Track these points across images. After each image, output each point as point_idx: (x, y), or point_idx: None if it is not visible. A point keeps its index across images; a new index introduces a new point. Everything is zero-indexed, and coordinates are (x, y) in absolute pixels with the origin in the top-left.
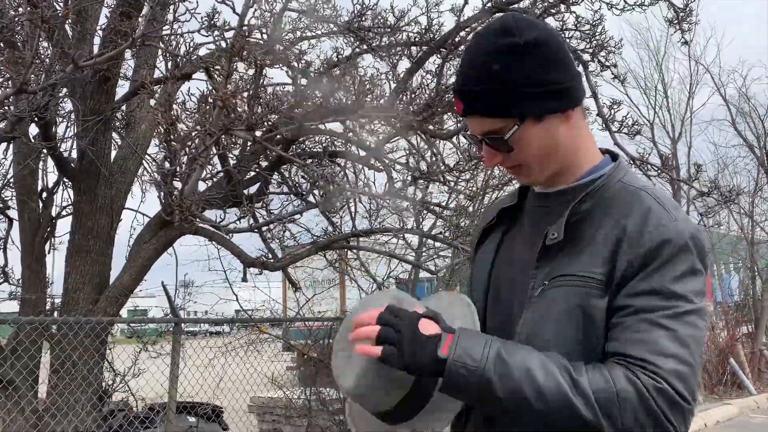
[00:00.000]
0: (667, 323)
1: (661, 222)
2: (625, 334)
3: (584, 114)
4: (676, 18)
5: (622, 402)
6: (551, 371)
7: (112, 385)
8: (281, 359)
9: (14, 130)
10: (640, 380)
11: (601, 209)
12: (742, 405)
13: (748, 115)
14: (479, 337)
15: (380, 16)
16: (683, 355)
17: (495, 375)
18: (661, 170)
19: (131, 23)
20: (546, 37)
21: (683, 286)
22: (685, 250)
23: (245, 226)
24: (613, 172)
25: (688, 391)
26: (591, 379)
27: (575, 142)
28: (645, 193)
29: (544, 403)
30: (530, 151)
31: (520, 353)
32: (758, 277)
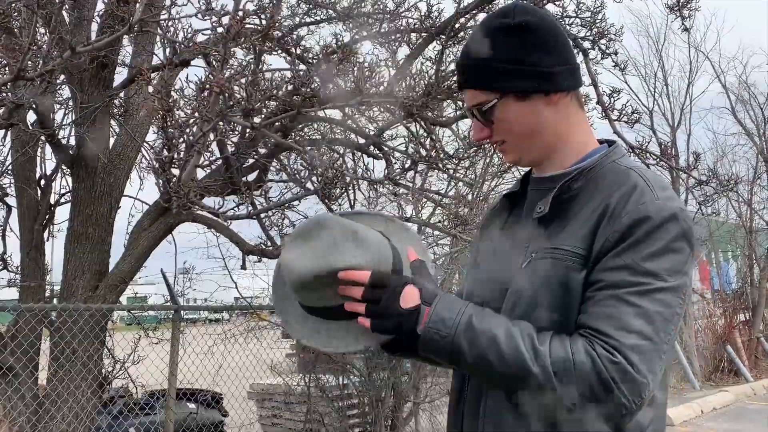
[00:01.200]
0: (634, 300)
1: (642, 200)
2: (595, 308)
3: (579, 103)
4: (676, 5)
5: (577, 371)
6: (514, 339)
7: (112, 372)
8: (280, 346)
9: (12, 117)
10: (596, 352)
11: (591, 187)
12: (738, 392)
13: (747, 103)
14: (454, 304)
15: (380, 2)
16: (647, 331)
17: (464, 341)
18: (660, 158)
19: (128, 8)
20: (539, 22)
21: (656, 263)
22: (663, 228)
23: (244, 213)
24: (608, 154)
25: (646, 365)
26: (552, 349)
27: (562, 127)
28: (634, 173)
29: (506, 368)
30: (511, 127)
31: (489, 321)
32: (756, 264)
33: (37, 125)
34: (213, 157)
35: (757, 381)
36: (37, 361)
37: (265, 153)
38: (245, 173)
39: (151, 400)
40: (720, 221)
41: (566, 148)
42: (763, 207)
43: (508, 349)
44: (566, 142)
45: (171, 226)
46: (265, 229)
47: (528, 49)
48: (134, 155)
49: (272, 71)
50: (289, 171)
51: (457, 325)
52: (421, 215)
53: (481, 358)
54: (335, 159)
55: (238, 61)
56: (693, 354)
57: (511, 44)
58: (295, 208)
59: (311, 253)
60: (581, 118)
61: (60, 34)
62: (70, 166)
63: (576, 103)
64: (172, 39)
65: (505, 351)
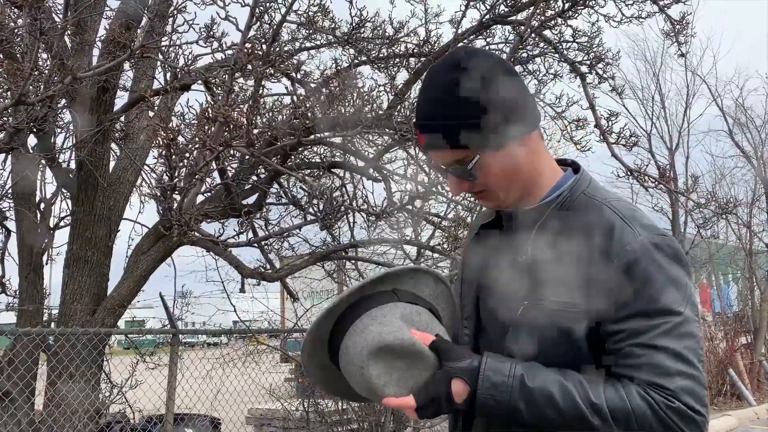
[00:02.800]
0: (662, 343)
1: (625, 241)
2: (628, 360)
3: (541, 134)
4: (672, 30)
5: (638, 418)
6: (570, 393)
7: (109, 397)
8: (279, 370)
9: (12, 141)
10: (653, 399)
11: (567, 225)
12: (741, 416)
13: (744, 125)
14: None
15: (378, 28)
16: (686, 369)
17: (521, 402)
18: (659, 182)
19: (130, 35)
20: (496, 68)
21: (663, 299)
22: (655, 264)
23: (243, 240)
24: (576, 184)
25: (699, 404)
26: (608, 398)
27: (535, 163)
28: (606, 208)
29: (566, 424)
30: (493, 177)
31: (541, 378)
32: (757, 287)
33: (37, 149)
34: (213, 182)
35: (760, 405)
36: (34, 385)
37: (264, 177)
38: (245, 196)
39: (148, 426)
40: (720, 244)
41: (539, 181)
42: (762, 229)
43: (566, 405)
44: (539, 176)
45: (170, 249)
46: (264, 253)
47: (494, 98)
48: (134, 179)
49: (272, 96)
50: (288, 195)
51: (510, 389)
52: (421, 238)
53: (539, 417)
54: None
55: (239, 85)
56: None
57: (476, 98)
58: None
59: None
60: (545, 147)
61: (62, 59)
62: (69, 190)
63: (539, 136)
64: (173, 64)
65: (563, 407)
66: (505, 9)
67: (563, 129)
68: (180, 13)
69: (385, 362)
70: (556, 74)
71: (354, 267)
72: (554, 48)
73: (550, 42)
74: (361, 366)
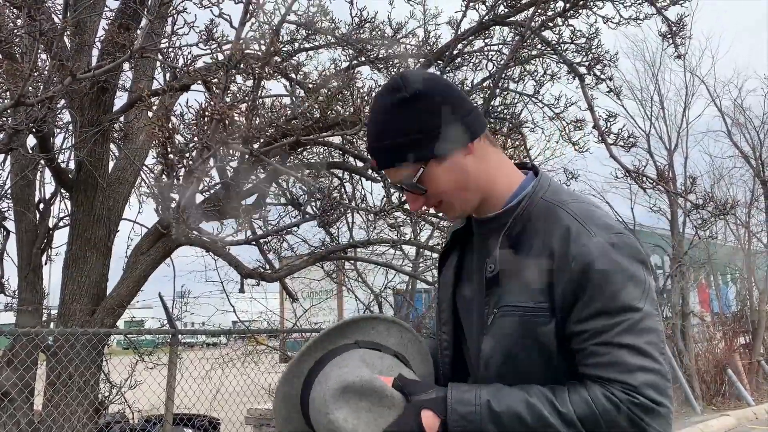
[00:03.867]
0: (623, 340)
1: (581, 242)
2: (591, 359)
3: (492, 142)
4: (669, 32)
5: (606, 420)
6: (537, 410)
7: (108, 397)
8: (278, 371)
9: (12, 142)
10: (617, 397)
11: (529, 232)
12: (740, 416)
13: (743, 126)
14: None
15: (377, 29)
16: (647, 364)
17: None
18: (657, 182)
19: (129, 35)
20: (431, 85)
21: (623, 297)
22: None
23: (242, 238)
24: (535, 190)
25: (661, 395)
26: (575, 406)
27: (487, 170)
28: (563, 212)
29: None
30: (443, 188)
31: (507, 400)
32: (755, 287)
33: (36, 149)
34: (212, 182)
35: (758, 405)
36: (33, 386)
37: (264, 177)
38: (244, 196)
39: (147, 426)
40: (718, 244)
41: (496, 188)
42: (761, 230)
43: (534, 422)
44: (494, 183)
45: (169, 249)
46: (264, 253)
47: (434, 113)
48: (133, 179)
49: (272, 97)
50: (288, 195)
51: (480, 417)
52: (420, 238)
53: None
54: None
55: (238, 86)
56: (694, 378)
57: (413, 115)
58: (296, 231)
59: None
60: (498, 155)
61: (61, 60)
62: (69, 190)
63: (488, 143)
64: (172, 65)
65: (531, 425)
66: (504, 10)
67: (561, 130)
68: (180, 14)
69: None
70: (554, 75)
71: (353, 267)
72: (553, 49)
73: (549, 43)
74: (327, 413)
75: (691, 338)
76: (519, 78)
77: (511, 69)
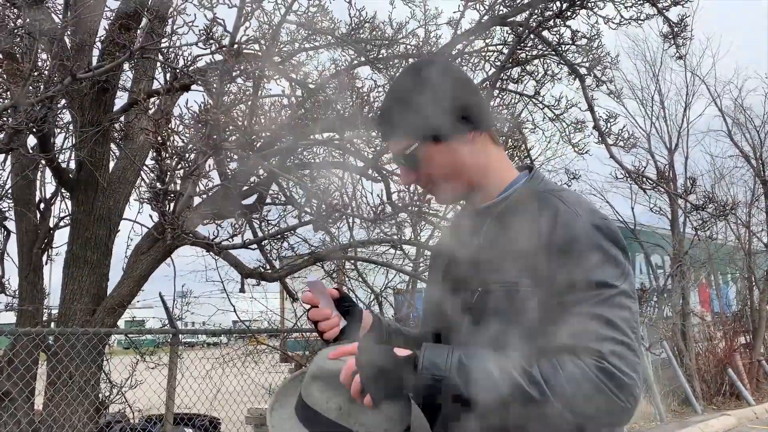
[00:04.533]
0: (596, 311)
1: (567, 221)
2: (564, 329)
3: (494, 139)
4: (671, 33)
5: (570, 383)
6: (505, 367)
7: (109, 397)
8: (279, 370)
9: (12, 142)
10: (584, 362)
11: (518, 215)
12: (740, 416)
13: (744, 126)
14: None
15: (377, 30)
16: (617, 336)
17: (459, 379)
18: (657, 183)
19: (130, 35)
20: (448, 71)
21: (601, 274)
22: (593, 242)
23: (239, 242)
24: (527, 182)
25: (628, 366)
26: (541, 367)
27: (482, 164)
28: (551, 196)
29: (503, 395)
30: (435, 169)
31: (478, 357)
32: (755, 287)
33: (37, 149)
34: (210, 183)
35: (759, 404)
36: (34, 385)
37: (263, 178)
38: (244, 197)
39: (148, 426)
40: (719, 244)
41: (489, 181)
42: (761, 229)
43: (502, 378)
44: (487, 176)
45: (169, 249)
46: (264, 253)
47: (436, 95)
48: (134, 179)
49: (271, 97)
50: (287, 195)
51: (449, 366)
52: (420, 237)
53: (477, 392)
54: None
55: (237, 87)
56: (694, 377)
57: (423, 93)
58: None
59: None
60: (498, 153)
61: (61, 60)
62: (69, 190)
63: (491, 139)
64: (172, 65)
65: (498, 380)
66: (504, 10)
67: (562, 131)
68: (179, 14)
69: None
70: (554, 76)
71: (353, 267)
72: (553, 50)
73: (549, 43)
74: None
75: (691, 338)
76: (519, 78)
77: (510, 69)
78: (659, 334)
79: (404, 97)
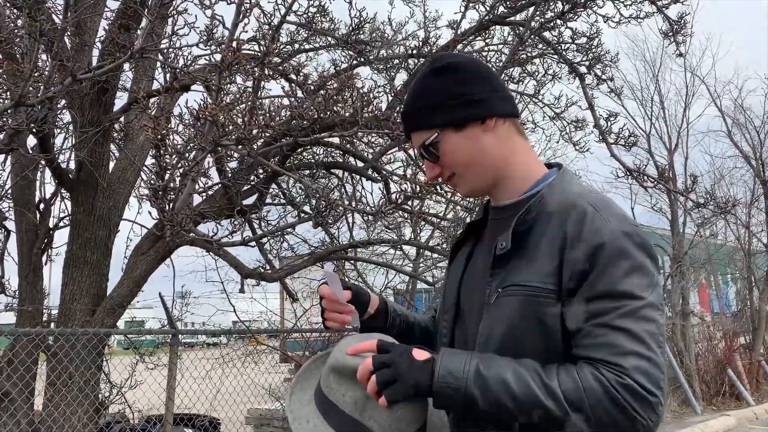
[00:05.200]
0: (621, 323)
1: (595, 226)
2: (586, 340)
3: (519, 130)
4: (670, 30)
5: (590, 398)
6: (524, 378)
7: (108, 397)
8: (278, 371)
9: (12, 142)
10: (605, 377)
11: (544, 218)
12: (740, 416)
13: (743, 126)
14: (459, 356)
15: (377, 31)
16: (642, 350)
17: (476, 390)
18: (658, 181)
19: (130, 36)
20: (465, 61)
21: (628, 284)
22: (622, 250)
23: (238, 239)
24: (555, 181)
25: (652, 383)
26: (561, 381)
27: (504, 153)
28: (581, 200)
29: (521, 408)
30: (456, 158)
31: (496, 366)
32: (755, 287)
33: (37, 149)
34: (210, 183)
35: (759, 405)
36: (34, 386)
37: (263, 177)
38: (244, 197)
39: (148, 426)
40: (719, 244)
41: (514, 174)
42: (761, 229)
43: (520, 390)
44: (511, 168)
45: (169, 249)
46: (264, 252)
47: (456, 83)
48: (134, 179)
49: (271, 98)
50: (286, 195)
51: (467, 376)
52: (420, 238)
53: (495, 403)
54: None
55: (237, 87)
56: (694, 377)
57: (440, 83)
58: (293, 231)
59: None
60: (523, 144)
61: (61, 61)
62: (69, 190)
63: (515, 129)
64: (173, 65)
65: (517, 392)
66: (504, 10)
67: (562, 130)
68: (180, 14)
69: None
70: (555, 75)
71: (353, 267)
72: (553, 49)
73: (549, 43)
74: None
75: (691, 338)
76: (519, 78)
77: (510, 69)
78: None
79: (424, 90)
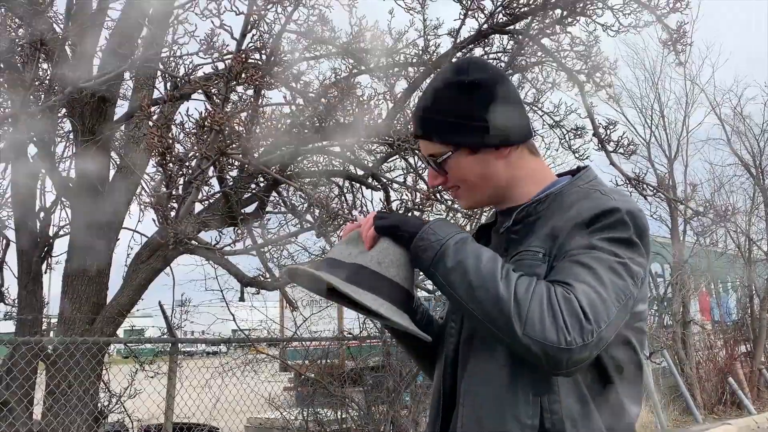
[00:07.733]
0: (589, 262)
1: (602, 202)
2: (554, 272)
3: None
4: (670, 39)
5: (534, 294)
6: (495, 260)
7: (108, 406)
8: (278, 380)
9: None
10: (554, 288)
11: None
12: (741, 425)
13: (743, 134)
14: (452, 227)
15: (377, 39)
16: (598, 287)
17: (452, 249)
18: (657, 189)
19: (130, 45)
20: (493, 80)
21: (615, 247)
22: (621, 221)
23: (241, 248)
24: (576, 180)
25: (592, 312)
26: (519, 276)
27: (515, 177)
28: (594, 189)
29: (478, 278)
30: (464, 177)
31: (479, 247)
32: (756, 295)
33: (37, 158)
34: (212, 191)
35: (760, 413)
36: (33, 395)
37: (263, 186)
38: (244, 205)
39: None
40: (719, 252)
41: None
42: (761, 238)
43: (486, 265)
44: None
45: (169, 258)
46: (264, 261)
47: (480, 105)
48: (134, 187)
49: (272, 106)
50: (287, 203)
51: (450, 236)
52: None
53: (460, 263)
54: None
55: (238, 95)
56: (695, 386)
57: (464, 100)
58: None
59: None
60: (535, 162)
61: (62, 70)
62: (69, 199)
63: (527, 151)
64: (173, 74)
65: (482, 266)
66: (503, 18)
67: (561, 138)
68: (181, 24)
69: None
70: (554, 83)
71: None
72: (552, 57)
73: (548, 51)
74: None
75: (691, 346)
76: (519, 86)
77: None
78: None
79: (446, 101)
